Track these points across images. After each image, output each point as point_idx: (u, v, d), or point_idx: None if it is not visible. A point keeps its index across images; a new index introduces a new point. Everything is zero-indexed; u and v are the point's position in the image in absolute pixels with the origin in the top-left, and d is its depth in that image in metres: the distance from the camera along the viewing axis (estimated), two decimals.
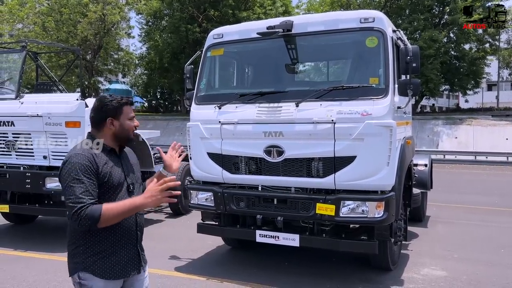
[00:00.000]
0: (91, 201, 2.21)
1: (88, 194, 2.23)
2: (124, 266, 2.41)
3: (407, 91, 4.64)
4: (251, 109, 5.03)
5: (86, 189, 2.23)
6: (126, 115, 2.46)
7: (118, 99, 2.46)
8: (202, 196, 5.45)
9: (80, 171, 2.25)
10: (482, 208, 9.87)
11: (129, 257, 2.44)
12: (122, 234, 2.39)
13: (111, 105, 2.43)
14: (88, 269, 2.33)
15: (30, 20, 32.11)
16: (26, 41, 7.45)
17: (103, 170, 2.33)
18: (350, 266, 5.73)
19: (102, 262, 2.34)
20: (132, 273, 2.46)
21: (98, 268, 2.33)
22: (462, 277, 5.31)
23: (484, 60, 33.65)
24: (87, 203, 2.19)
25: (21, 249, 6.47)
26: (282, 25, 5.01)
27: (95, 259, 2.33)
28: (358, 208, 4.63)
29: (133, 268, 2.46)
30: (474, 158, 22.07)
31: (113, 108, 2.43)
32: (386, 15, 5.05)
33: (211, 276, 5.32)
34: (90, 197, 2.23)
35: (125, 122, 2.46)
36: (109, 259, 2.36)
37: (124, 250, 2.41)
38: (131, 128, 2.49)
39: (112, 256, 2.36)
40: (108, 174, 2.34)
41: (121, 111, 2.45)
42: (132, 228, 2.44)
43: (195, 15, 31.90)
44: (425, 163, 7.84)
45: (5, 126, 6.58)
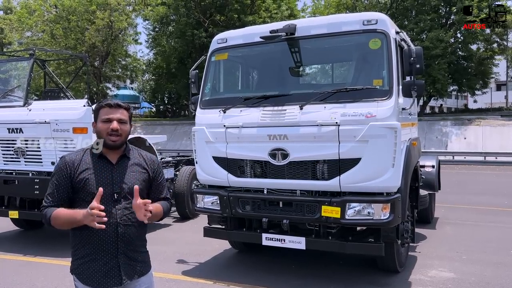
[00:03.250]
0: (49, 204, 2.35)
1: (52, 196, 2.37)
2: (102, 276, 2.35)
3: (411, 92, 4.64)
4: (256, 113, 5.05)
5: (52, 191, 2.38)
6: (100, 118, 2.40)
7: (100, 102, 2.46)
8: (208, 199, 5.47)
9: (55, 174, 2.41)
10: (491, 209, 9.79)
11: (108, 268, 2.35)
12: (99, 243, 2.34)
13: (94, 108, 2.48)
14: (74, 272, 2.42)
15: (39, 28, 32.56)
16: (34, 49, 7.55)
17: (80, 176, 2.34)
18: (357, 269, 5.71)
19: (83, 268, 2.37)
20: (110, 286, 2.36)
21: (80, 272, 2.38)
22: (471, 279, 5.27)
23: (492, 60, 33.38)
24: (45, 205, 2.36)
25: (30, 255, 6.54)
26: (285, 28, 5.03)
27: (79, 263, 2.39)
28: (364, 210, 4.62)
29: (111, 280, 2.36)
30: (483, 159, 21.90)
31: (95, 112, 2.45)
32: (392, 17, 5.08)
33: (218, 279, 5.33)
34: (52, 199, 2.36)
35: (99, 124, 2.40)
36: (89, 266, 2.36)
37: (102, 260, 2.35)
38: (103, 130, 2.37)
39: (91, 263, 2.35)
40: (84, 180, 2.33)
41: (98, 114, 2.42)
42: (110, 239, 2.35)
43: (201, 20, 32.08)
44: (432, 164, 7.81)
45: (14, 133, 6.68)
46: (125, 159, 2.46)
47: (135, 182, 2.41)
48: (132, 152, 2.52)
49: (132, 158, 2.49)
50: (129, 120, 2.49)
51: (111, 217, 2.31)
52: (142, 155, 2.56)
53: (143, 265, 2.50)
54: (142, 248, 2.53)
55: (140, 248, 2.50)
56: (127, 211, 2.37)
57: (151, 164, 2.57)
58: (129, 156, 2.48)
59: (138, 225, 2.43)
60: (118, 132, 2.37)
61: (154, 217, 2.41)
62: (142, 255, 2.51)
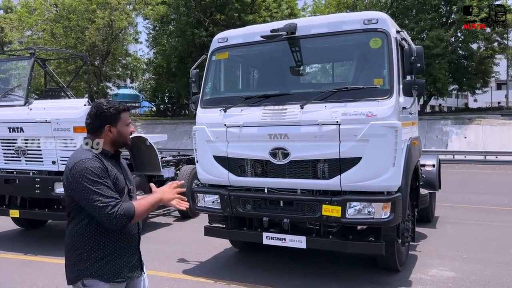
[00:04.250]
0: (116, 201, 2.26)
1: (114, 194, 2.29)
2: (130, 269, 2.45)
3: (412, 91, 4.64)
4: (256, 112, 5.05)
5: (110, 189, 2.29)
6: (124, 122, 2.47)
7: (116, 106, 2.46)
8: (208, 199, 5.47)
9: (98, 174, 2.29)
10: (491, 208, 9.79)
11: (133, 260, 2.48)
12: (127, 237, 2.43)
13: (109, 112, 2.43)
14: (95, 275, 2.34)
15: (39, 27, 32.54)
16: (34, 48, 7.55)
17: (111, 173, 2.38)
18: (358, 268, 5.71)
19: (109, 266, 2.35)
20: (135, 276, 2.49)
21: (105, 272, 2.35)
22: (471, 278, 5.27)
23: (493, 59, 33.34)
24: (115, 203, 2.25)
25: (31, 254, 6.54)
26: (286, 28, 5.03)
27: (102, 263, 2.35)
28: (364, 209, 4.63)
29: (136, 270, 2.51)
30: (483, 158, 21.90)
31: (111, 115, 2.43)
32: (392, 16, 5.08)
33: (219, 278, 5.34)
34: (117, 195, 2.29)
35: (123, 128, 2.47)
36: (115, 262, 2.37)
37: (128, 253, 2.45)
38: (128, 134, 2.52)
39: (118, 259, 2.39)
40: (115, 177, 2.39)
41: (119, 118, 2.46)
42: (135, 231, 2.50)
43: (202, 19, 32.06)
44: (432, 163, 7.81)
45: (15, 132, 6.68)
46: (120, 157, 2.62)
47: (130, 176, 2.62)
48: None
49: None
50: None
51: None
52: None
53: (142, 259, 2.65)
54: None
55: None
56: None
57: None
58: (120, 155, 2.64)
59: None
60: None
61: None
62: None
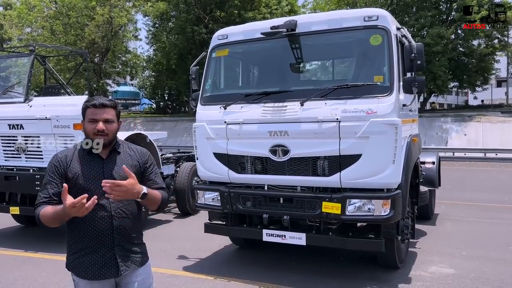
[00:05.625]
0: (44, 200, 2.37)
1: (45, 193, 2.38)
2: (100, 268, 2.41)
3: (412, 88, 4.64)
4: (256, 109, 5.05)
5: (45, 188, 2.39)
6: (87, 118, 2.44)
7: (87, 101, 2.46)
8: (208, 196, 5.48)
9: (48, 171, 2.43)
10: (491, 205, 9.81)
11: (105, 260, 2.42)
12: (95, 236, 2.40)
13: (82, 107, 2.48)
14: (71, 268, 2.47)
15: (39, 24, 32.51)
16: (34, 45, 7.54)
17: (72, 171, 2.40)
18: (358, 265, 5.73)
19: (78, 262, 2.43)
20: (108, 277, 2.43)
21: (76, 267, 2.44)
22: (471, 275, 5.29)
23: (493, 56, 33.31)
24: (39, 202, 2.38)
25: (31, 251, 6.56)
26: (286, 24, 5.02)
27: (73, 258, 2.45)
28: (364, 206, 4.63)
29: (109, 271, 2.43)
30: (483, 155, 21.90)
31: (82, 110, 2.48)
32: (392, 13, 5.07)
33: (219, 275, 5.35)
34: (44, 195, 2.38)
35: (86, 124, 2.45)
36: (84, 260, 2.42)
37: (98, 252, 2.41)
38: (89, 131, 2.42)
39: (88, 256, 2.41)
40: (76, 175, 2.39)
41: (85, 114, 2.46)
42: (106, 232, 2.41)
43: (201, 16, 32.00)
44: (432, 160, 7.83)
45: (15, 129, 6.68)
46: (115, 153, 2.52)
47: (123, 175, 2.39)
48: (122, 146, 2.57)
49: (122, 152, 2.54)
50: (117, 118, 2.51)
51: (105, 211, 2.39)
52: (132, 149, 2.62)
53: (141, 255, 2.56)
54: (138, 240, 2.58)
55: (135, 239, 2.56)
56: (121, 204, 2.44)
57: (141, 156, 2.61)
58: (119, 151, 2.53)
59: (133, 217, 2.52)
60: (104, 132, 2.41)
61: (151, 202, 2.48)
62: (139, 246, 2.57)
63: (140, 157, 2.61)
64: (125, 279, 2.49)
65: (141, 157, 2.61)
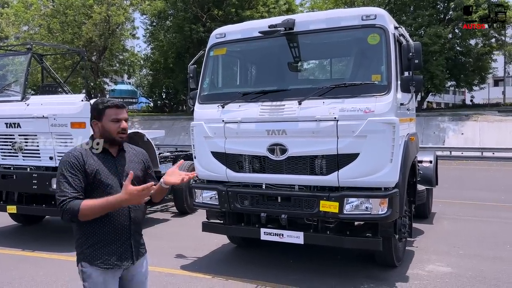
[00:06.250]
0: (73, 195, 2.39)
1: (71, 188, 2.41)
2: (118, 257, 2.55)
3: (410, 87, 4.64)
4: (254, 108, 5.05)
5: (69, 183, 2.42)
6: (108, 117, 2.57)
7: (104, 102, 2.60)
8: (206, 194, 5.48)
9: (66, 168, 2.45)
10: (488, 204, 9.84)
11: (123, 249, 2.57)
12: (115, 227, 2.53)
13: (97, 108, 2.59)
14: (86, 259, 2.52)
15: (36, 22, 32.36)
16: (31, 43, 7.51)
17: (90, 168, 2.49)
18: (355, 263, 5.74)
19: (97, 253, 2.51)
20: (125, 264, 2.59)
21: (94, 258, 2.51)
22: (468, 273, 5.30)
23: (490, 55, 33.39)
24: (68, 197, 2.38)
25: (28, 249, 6.54)
26: (284, 23, 5.02)
27: (91, 250, 2.51)
28: (362, 205, 4.64)
29: (126, 259, 2.59)
30: (480, 154, 21.97)
31: (97, 111, 2.59)
32: (390, 12, 5.06)
33: (217, 274, 5.35)
34: (73, 191, 2.41)
35: (107, 124, 2.57)
36: (102, 250, 2.52)
37: (117, 243, 2.55)
38: (113, 130, 2.56)
39: (105, 248, 2.52)
40: (95, 171, 2.49)
41: (104, 113, 2.57)
42: (125, 223, 2.57)
43: (199, 14, 31.96)
44: (430, 159, 7.85)
45: (12, 127, 6.66)
46: (123, 152, 2.69)
47: (136, 171, 2.61)
48: (125, 145, 2.74)
49: (127, 151, 2.72)
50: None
51: None
52: (134, 148, 2.81)
53: (143, 247, 2.76)
54: (141, 232, 2.77)
55: (141, 231, 2.76)
56: None
57: (143, 155, 2.83)
58: (125, 149, 2.70)
59: (142, 210, 2.77)
60: (126, 130, 2.61)
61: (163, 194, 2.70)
62: (142, 238, 2.77)
63: (142, 156, 2.81)
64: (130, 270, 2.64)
65: (143, 155, 2.82)
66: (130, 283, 2.67)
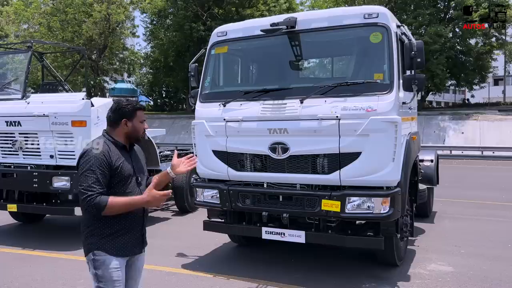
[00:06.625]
0: (100, 191, 2.59)
1: (99, 184, 2.60)
2: (132, 246, 2.80)
3: (412, 86, 4.63)
4: (256, 106, 5.03)
5: (97, 180, 2.60)
6: (139, 118, 2.83)
7: (133, 104, 2.84)
8: (208, 193, 5.46)
9: (95, 164, 2.62)
10: (489, 203, 9.83)
11: (136, 238, 2.83)
12: (132, 219, 2.77)
13: (127, 108, 2.81)
14: (102, 248, 2.70)
15: (36, 20, 32.32)
16: (31, 42, 7.49)
17: (115, 164, 2.70)
18: (357, 263, 5.73)
19: (114, 243, 2.72)
20: (137, 253, 2.86)
21: (111, 247, 2.71)
22: (469, 273, 5.30)
23: (491, 54, 33.37)
24: (96, 192, 2.57)
25: (29, 248, 6.53)
26: (286, 22, 5.00)
27: (108, 240, 2.70)
28: (364, 204, 4.63)
29: (138, 247, 2.86)
30: (481, 153, 21.96)
31: (128, 111, 2.80)
32: (391, 11, 5.03)
33: (218, 273, 5.34)
34: (100, 187, 2.60)
35: (137, 124, 2.83)
36: (119, 240, 2.73)
37: (132, 232, 2.79)
38: (141, 129, 2.86)
39: (122, 237, 2.74)
40: (119, 167, 2.71)
41: (135, 115, 2.82)
42: (140, 214, 2.83)
43: (199, 13, 31.93)
44: (431, 158, 7.82)
45: (12, 126, 6.64)
46: (132, 149, 2.95)
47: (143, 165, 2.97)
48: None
49: (134, 147, 2.98)
50: None
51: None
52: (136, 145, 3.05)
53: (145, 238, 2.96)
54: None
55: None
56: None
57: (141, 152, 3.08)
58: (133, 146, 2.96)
59: None
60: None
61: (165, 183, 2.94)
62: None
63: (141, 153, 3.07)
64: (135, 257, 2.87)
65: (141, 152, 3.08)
66: (130, 268, 2.87)
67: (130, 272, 2.87)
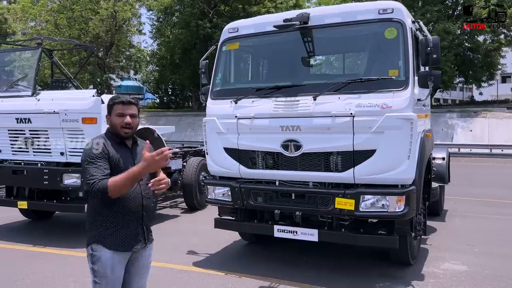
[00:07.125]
0: (102, 177, 2.59)
1: (100, 172, 2.62)
2: (131, 241, 2.77)
3: (428, 83, 4.55)
4: (268, 103, 4.98)
5: (98, 168, 2.63)
6: (115, 112, 2.78)
7: (114, 98, 2.81)
8: (219, 191, 5.42)
9: (93, 157, 2.67)
10: (498, 201, 9.75)
11: (136, 233, 2.79)
12: (129, 212, 2.75)
13: (108, 104, 2.81)
14: (100, 241, 2.71)
15: (42, 17, 32.45)
16: (41, 38, 7.48)
17: (113, 156, 2.73)
18: (369, 261, 5.67)
19: (113, 236, 2.72)
20: (137, 247, 2.80)
21: (109, 240, 2.71)
22: (484, 272, 5.23)
23: (499, 51, 33.07)
24: (97, 178, 2.58)
25: (39, 245, 6.52)
26: (299, 17, 4.93)
27: (108, 233, 2.71)
28: (378, 202, 4.56)
29: (139, 242, 2.82)
30: (489, 151, 21.82)
31: (108, 106, 2.81)
32: None
33: (229, 271, 5.30)
34: (101, 173, 2.62)
35: (114, 118, 2.79)
36: (119, 233, 2.72)
37: (131, 227, 2.77)
38: (118, 124, 2.76)
39: (121, 231, 2.73)
40: (117, 160, 2.73)
41: (112, 109, 2.79)
42: (138, 208, 2.79)
43: (206, 10, 31.88)
44: (442, 156, 7.76)
45: (22, 123, 6.63)
46: (136, 145, 2.91)
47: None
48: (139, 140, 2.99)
49: (139, 144, 2.94)
50: (138, 114, 2.89)
51: (138, 191, 2.78)
52: (142, 141, 3.00)
53: (151, 234, 2.96)
54: (151, 220, 3.01)
55: (151, 219, 2.99)
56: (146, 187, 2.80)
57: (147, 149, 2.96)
58: (138, 143, 2.94)
59: (152, 200, 3.03)
60: (130, 125, 2.79)
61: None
62: (150, 226, 2.98)
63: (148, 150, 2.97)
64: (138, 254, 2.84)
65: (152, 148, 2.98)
66: (135, 265, 2.85)
67: (134, 268, 2.85)
